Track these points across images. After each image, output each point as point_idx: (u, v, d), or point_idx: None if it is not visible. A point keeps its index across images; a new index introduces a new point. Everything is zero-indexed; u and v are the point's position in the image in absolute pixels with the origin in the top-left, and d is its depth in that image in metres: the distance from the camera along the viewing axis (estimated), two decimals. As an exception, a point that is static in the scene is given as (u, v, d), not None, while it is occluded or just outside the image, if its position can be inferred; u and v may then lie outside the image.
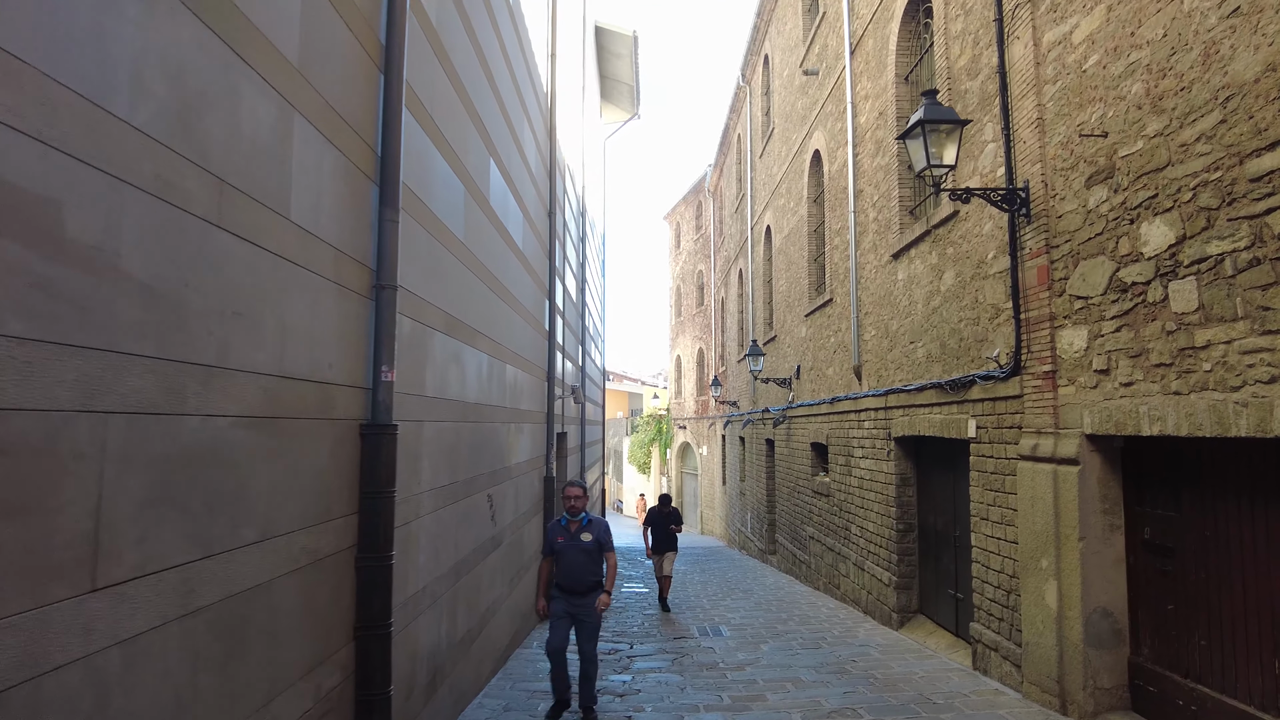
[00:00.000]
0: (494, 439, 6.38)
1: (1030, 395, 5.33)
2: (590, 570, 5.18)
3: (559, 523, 5.32)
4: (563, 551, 5.20)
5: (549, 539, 5.32)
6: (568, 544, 5.21)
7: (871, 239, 9.05)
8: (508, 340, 7.03)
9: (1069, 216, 4.94)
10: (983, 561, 6.04)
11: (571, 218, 13.16)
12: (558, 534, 5.27)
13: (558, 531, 5.28)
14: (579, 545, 5.18)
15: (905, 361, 7.86)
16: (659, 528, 10.23)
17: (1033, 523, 5.14)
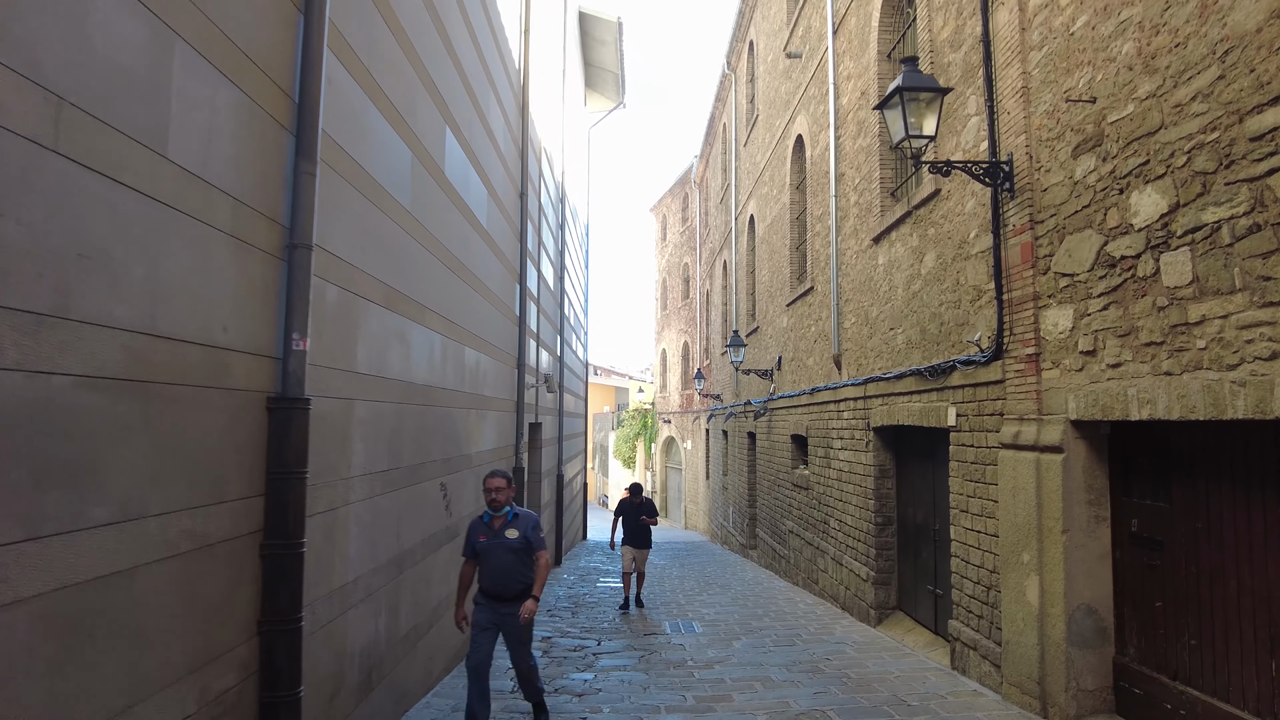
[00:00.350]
0: (449, 425, 6.04)
1: (1012, 380, 5.04)
2: (518, 573, 4.56)
3: (481, 519, 4.65)
4: (486, 552, 4.56)
5: (469, 538, 4.65)
6: (491, 543, 4.56)
7: (853, 224, 8.76)
8: (468, 322, 6.68)
9: (1054, 189, 4.65)
10: (962, 556, 5.75)
11: (549, 203, 12.81)
12: (479, 532, 4.61)
13: (479, 529, 4.62)
14: (504, 544, 4.54)
15: (885, 349, 7.57)
16: (629, 520, 9.47)
17: (1014, 515, 4.85)
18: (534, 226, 10.72)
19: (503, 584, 4.53)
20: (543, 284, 11.78)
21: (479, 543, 4.59)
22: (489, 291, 7.58)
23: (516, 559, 4.55)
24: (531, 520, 4.66)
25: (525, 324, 9.43)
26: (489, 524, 4.62)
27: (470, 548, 4.65)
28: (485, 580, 4.58)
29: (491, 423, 7.75)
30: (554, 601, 10.06)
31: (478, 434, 7.10)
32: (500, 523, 4.60)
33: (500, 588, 4.54)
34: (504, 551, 4.54)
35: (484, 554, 4.57)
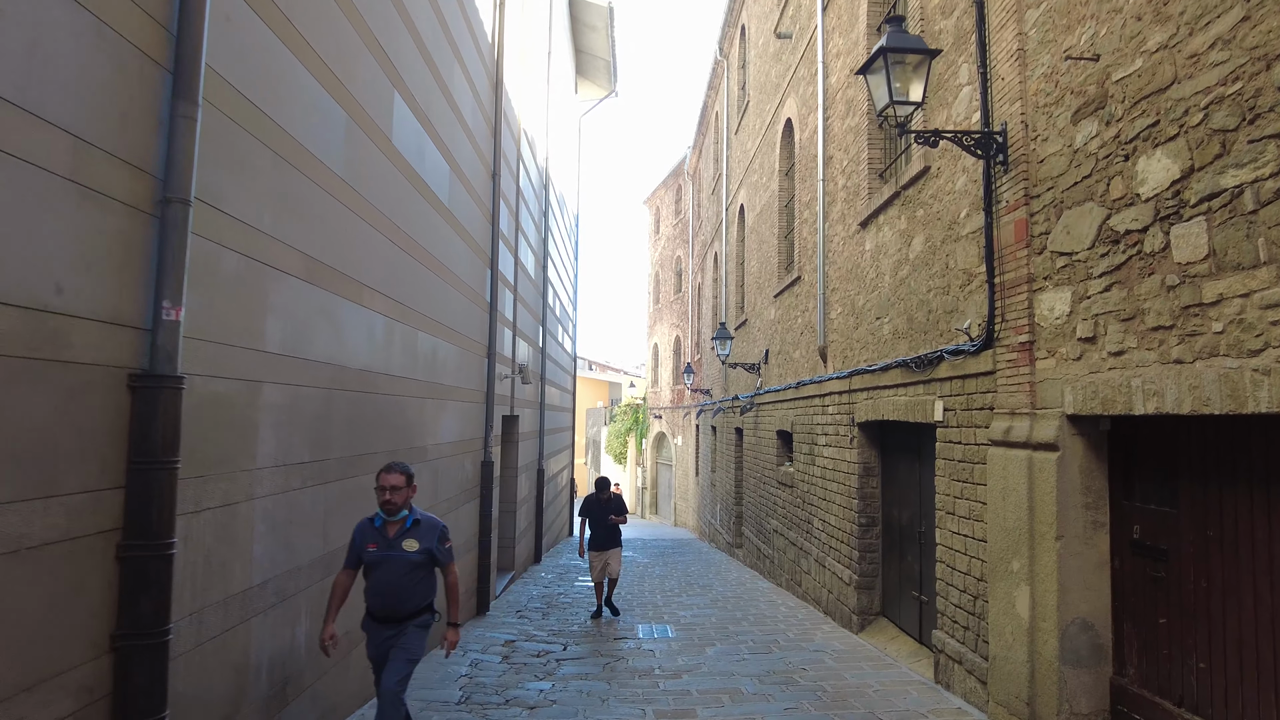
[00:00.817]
0: (398, 414, 5.60)
1: (1004, 371, 4.61)
2: (414, 592, 3.76)
3: (371, 523, 3.83)
4: (375, 565, 3.73)
5: (354, 544, 3.81)
6: (382, 554, 3.73)
7: (840, 208, 8.31)
8: (424, 305, 6.23)
9: (1052, 160, 4.21)
10: (948, 561, 5.33)
11: (529, 188, 12.35)
12: (368, 538, 3.77)
13: (368, 535, 3.78)
14: (400, 557, 3.73)
15: (871, 340, 7.14)
16: (597, 520, 8.52)
17: (1004, 518, 4.42)
18: (509, 210, 10.26)
19: (394, 605, 3.75)
20: (521, 271, 11.33)
21: (367, 553, 3.75)
22: (451, 275, 7.13)
23: (414, 576, 3.77)
24: (437, 530, 3.88)
25: (497, 311, 8.98)
26: (381, 530, 3.80)
27: (355, 556, 3.80)
28: (373, 599, 3.77)
29: (454, 414, 7.31)
30: (525, 602, 9.64)
31: (435, 425, 6.65)
32: (396, 530, 3.80)
33: (391, 609, 3.76)
34: (398, 566, 3.74)
35: (372, 568, 3.76)
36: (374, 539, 3.78)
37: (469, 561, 8.18)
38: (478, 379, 8.39)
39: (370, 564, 3.76)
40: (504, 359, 9.88)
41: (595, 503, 8.60)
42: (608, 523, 8.50)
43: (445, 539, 3.90)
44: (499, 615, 8.64)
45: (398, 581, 3.75)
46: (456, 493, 7.50)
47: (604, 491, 8.65)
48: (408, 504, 3.84)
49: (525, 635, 7.64)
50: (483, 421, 8.67)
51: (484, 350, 8.69)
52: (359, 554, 3.79)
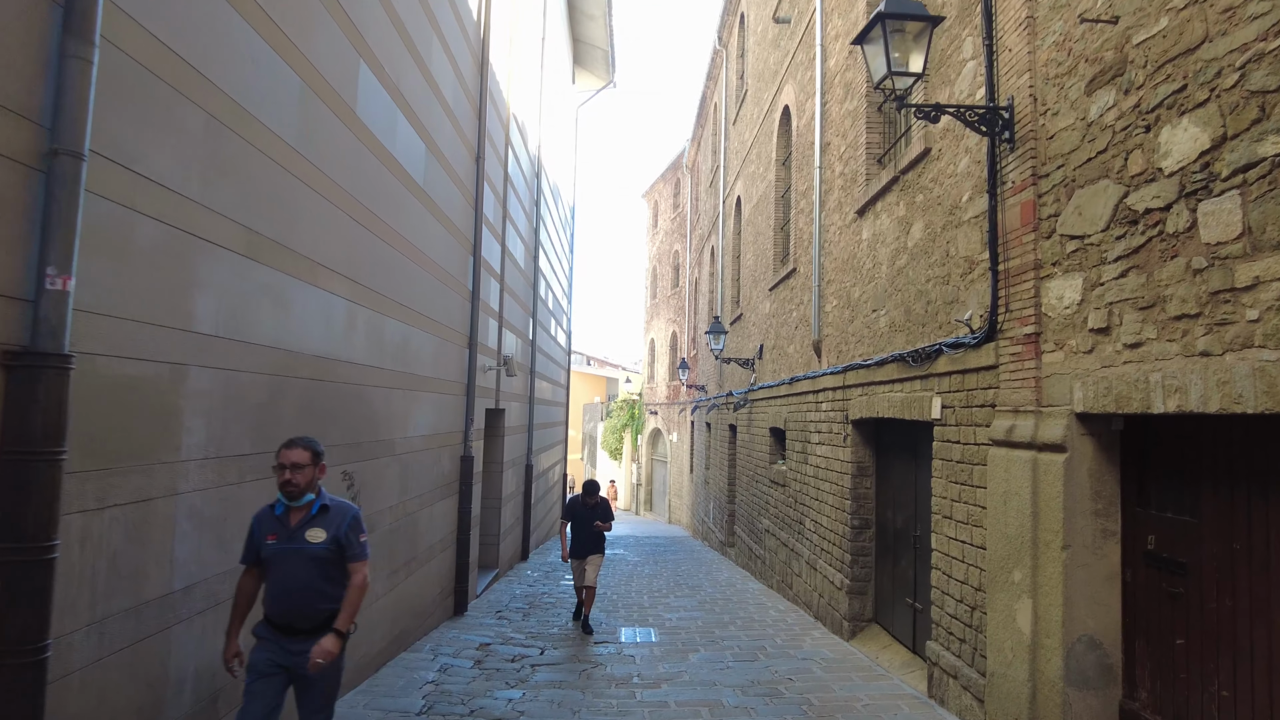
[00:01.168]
0: (360, 405, 5.25)
1: (1007, 365, 4.27)
2: (320, 593, 3.12)
3: (271, 510, 3.21)
4: (274, 560, 3.11)
5: (252, 537, 3.19)
6: (282, 547, 3.11)
7: (837, 196, 7.97)
8: (394, 290, 5.89)
9: (1063, 136, 3.86)
10: (944, 569, 4.99)
11: (519, 175, 11.99)
12: (267, 529, 3.16)
13: (267, 525, 3.17)
14: (303, 550, 3.10)
15: (866, 334, 6.79)
16: (581, 524, 7.85)
17: (1005, 525, 4.08)
18: (496, 196, 9.91)
19: (296, 608, 3.11)
20: (509, 260, 10.98)
21: (265, 545, 3.13)
22: (427, 259, 6.78)
23: (320, 573, 3.13)
24: (348, 516, 3.22)
25: (479, 300, 8.63)
26: (282, 518, 3.17)
27: (252, 551, 3.19)
28: (271, 602, 3.14)
29: (428, 405, 6.97)
30: (507, 602, 9.31)
31: (407, 417, 6.31)
32: (299, 517, 3.16)
33: (291, 614, 3.11)
34: (301, 561, 3.10)
35: (271, 563, 3.12)
36: (273, 529, 3.15)
37: (446, 560, 7.85)
38: (457, 370, 8.05)
39: (268, 559, 3.12)
40: (488, 350, 9.54)
41: (580, 506, 7.95)
42: (590, 529, 7.82)
43: (358, 529, 3.23)
44: (477, 616, 8.31)
45: (298, 579, 3.10)
46: (431, 488, 7.16)
47: (591, 495, 7.94)
48: (315, 486, 3.22)
49: (502, 638, 7.31)
50: (463, 414, 8.33)
51: (465, 340, 8.35)
52: (257, 548, 3.16)
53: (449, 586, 8.05)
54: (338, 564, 3.17)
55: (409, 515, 6.48)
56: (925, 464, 5.67)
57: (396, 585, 6.17)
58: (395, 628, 6.16)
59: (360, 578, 3.20)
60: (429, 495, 7.10)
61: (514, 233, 11.44)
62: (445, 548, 7.82)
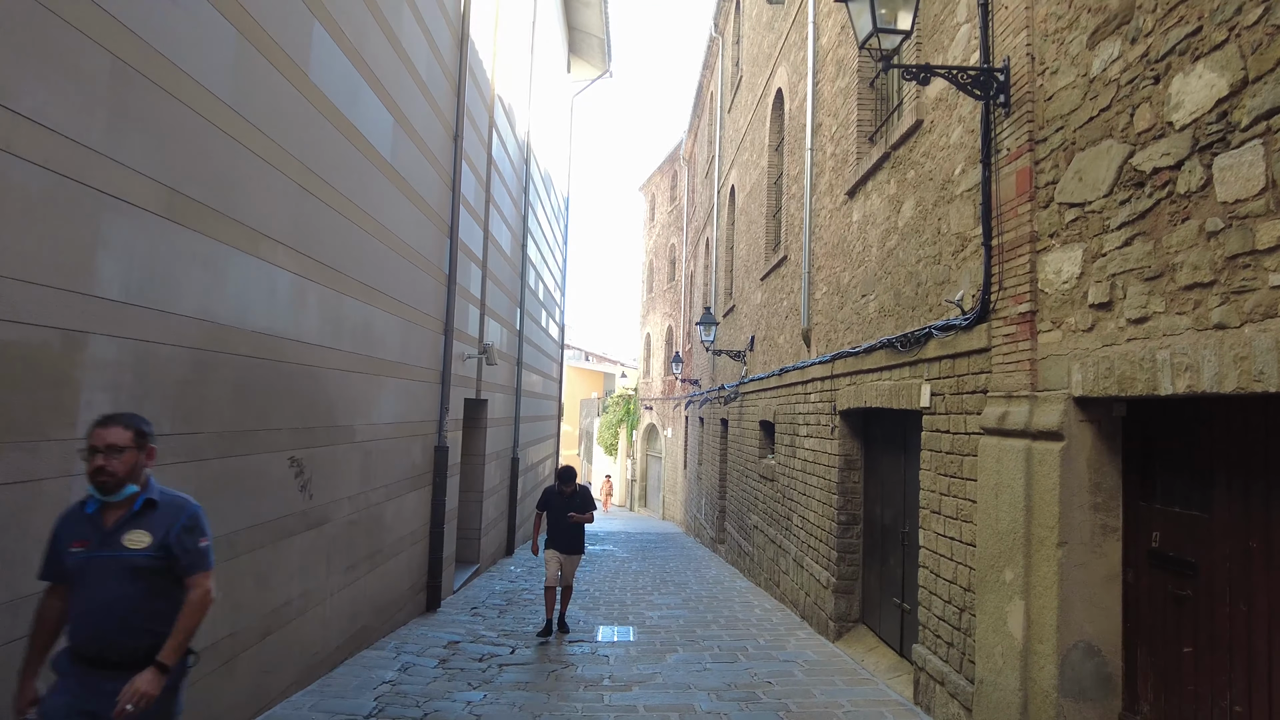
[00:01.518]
0: (312, 388, 4.93)
1: (1000, 347, 3.94)
2: (141, 614, 2.38)
3: (80, 509, 2.43)
4: (82, 571, 2.36)
5: (54, 545, 2.42)
6: (92, 555, 2.36)
7: (828, 179, 7.64)
8: (354, 268, 5.56)
9: (1063, 95, 3.53)
10: (931, 567, 4.67)
11: (507, 160, 11.66)
12: (73, 534, 2.40)
13: (74, 528, 2.41)
14: (118, 559, 2.36)
15: (855, 320, 6.47)
16: (557, 516, 7.18)
17: (995, 520, 3.76)
18: (477, 179, 9.58)
19: (107, 635, 2.35)
20: (492, 246, 10.65)
21: (69, 555, 2.37)
22: (395, 239, 6.46)
23: (143, 588, 2.38)
24: (183, 515, 2.49)
25: (456, 284, 8.31)
26: (94, 518, 2.40)
27: (53, 563, 2.41)
28: (76, 628, 2.37)
29: (396, 392, 6.65)
30: (485, 598, 9.00)
31: (369, 403, 5.99)
32: (117, 517, 2.41)
33: (102, 643, 2.35)
34: (116, 572, 2.36)
35: (78, 576, 2.36)
36: (82, 533, 2.38)
37: (417, 554, 7.54)
38: (430, 357, 7.73)
39: (74, 571, 2.36)
40: (467, 338, 9.22)
41: (556, 496, 7.23)
42: (567, 521, 7.12)
43: (197, 531, 2.50)
44: (451, 613, 8.00)
45: (114, 597, 2.34)
46: (399, 479, 6.84)
47: (567, 483, 7.23)
48: (140, 477, 2.45)
49: (473, 636, 7.00)
50: (437, 403, 8.01)
51: (440, 326, 8.02)
52: (60, 560, 2.39)
53: (420, 582, 7.74)
54: (168, 577, 2.42)
55: (372, 507, 6.16)
56: (915, 457, 5.35)
57: (356, 580, 5.85)
58: (354, 624, 5.84)
59: (200, 593, 2.45)
60: (397, 486, 6.78)
61: (499, 219, 11.11)
62: (416, 541, 7.50)
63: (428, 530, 7.89)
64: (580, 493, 7.33)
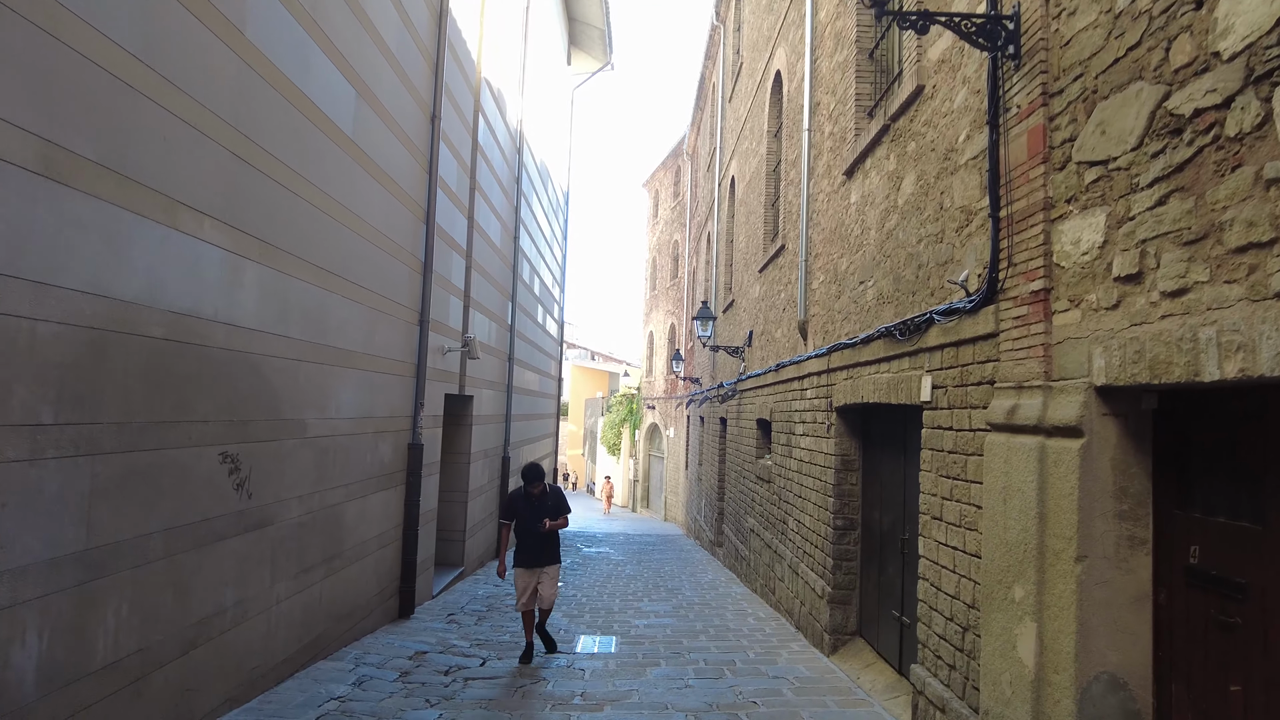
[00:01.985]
0: (251, 377, 4.49)
1: (1009, 332, 3.46)
2: None
3: None
4: None
5: None
6: None
7: (826, 161, 7.16)
8: (305, 249, 5.12)
9: (1082, 38, 3.05)
10: (931, 580, 4.19)
11: (496, 147, 11.22)
12: None
13: None
14: None
15: (853, 309, 5.99)
16: (526, 524, 6.13)
17: (1004, 528, 3.28)
18: (461, 165, 9.14)
19: None
20: (478, 236, 10.21)
21: None
22: (358, 220, 6.02)
23: None
24: None
25: (432, 272, 7.86)
26: None
27: None
28: None
29: (359, 384, 6.21)
30: (465, 604, 8.56)
31: (325, 396, 5.55)
32: None
33: None
34: None
35: None
36: None
37: (387, 557, 7.10)
38: (403, 348, 7.29)
39: None
40: (447, 329, 8.78)
41: (522, 500, 6.22)
42: (539, 529, 6.11)
43: None
44: (425, 620, 7.56)
45: None
46: (364, 478, 6.40)
47: (534, 484, 6.15)
48: None
49: (443, 646, 6.55)
50: (410, 398, 7.57)
51: (414, 316, 7.58)
52: None
53: (391, 587, 7.30)
54: None
55: (330, 508, 5.72)
56: (915, 457, 4.87)
57: (309, 586, 5.41)
58: (307, 633, 5.40)
59: None
60: (361, 485, 6.34)
61: (486, 208, 10.67)
62: (386, 544, 7.06)
63: (400, 532, 7.44)
64: (551, 494, 6.33)
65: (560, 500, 6.41)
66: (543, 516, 6.18)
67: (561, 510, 6.35)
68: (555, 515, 6.25)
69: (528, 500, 6.25)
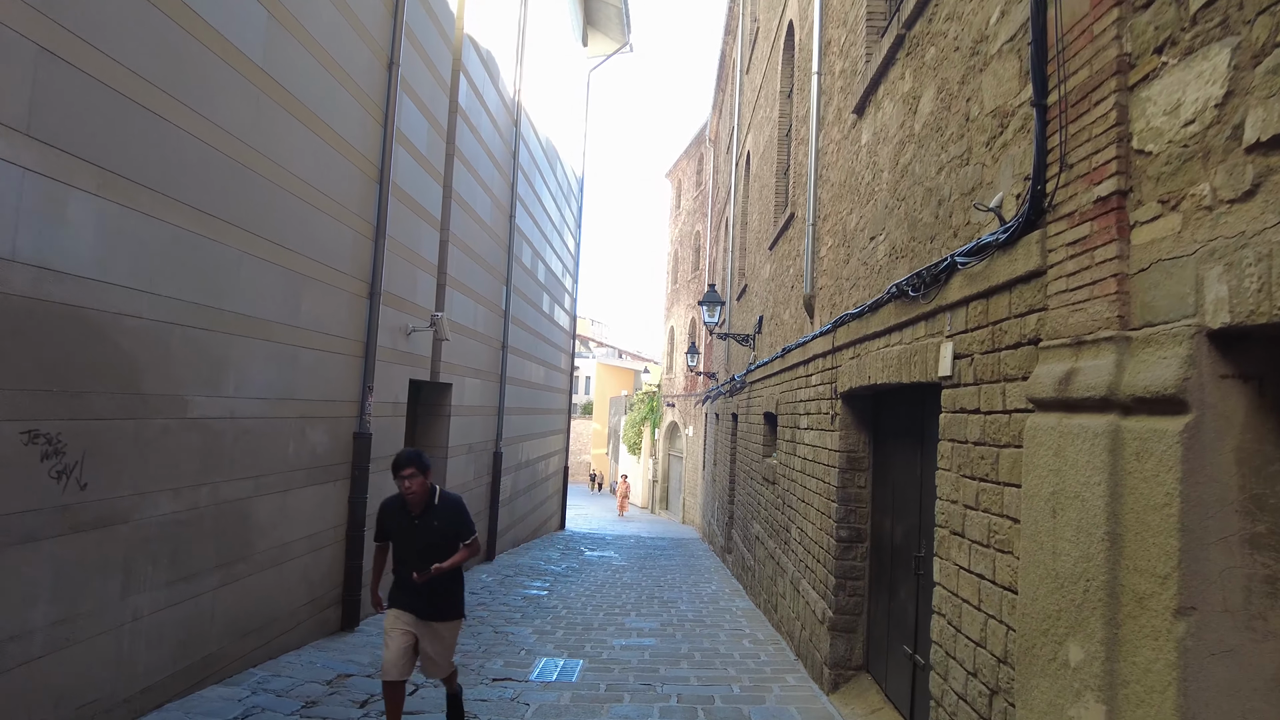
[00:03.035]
0: (88, 338, 3.56)
1: (1062, 265, 2.37)
2: None
3: None
4: None
5: None
6: None
7: (836, 105, 6.07)
8: (186, 191, 4.20)
9: None
10: (949, 616, 3.11)
11: (484, 115, 10.29)
12: None
13: None
14: None
15: (863, 273, 4.91)
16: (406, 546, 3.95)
17: (1052, 553, 2.20)
18: (434, 127, 8.20)
19: None
20: (460, 209, 9.28)
21: None
22: (274, 167, 5.09)
23: None
24: None
25: (387, 238, 6.92)
26: None
27: None
28: None
29: (276, 360, 5.28)
30: (427, 614, 7.59)
31: (218, 369, 4.62)
32: None
33: None
34: None
35: None
36: None
37: (322, 562, 6.17)
38: (345, 323, 6.36)
39: None
40: (412, 308, 7.85)
41: (397, 512, 3.97)
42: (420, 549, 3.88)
43: None
44: (371, 632, 6.61)
45: None
46: (286, 470, 5.47)
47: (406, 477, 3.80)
48: None
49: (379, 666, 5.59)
50: (358, 381, 6.64)
51: (363, 289, 6.65)
52: None
53: (330, 595, 6.37)
54: None
55: (229, 503, 4.79)
56: (932, 451, 3.79)
57: (193, 597, 4.49)
58: (189, 654, 4.47)
59: None
60: (281, 478, 5.42)
61: (470, 178, 9.73)
62: (321, 546, 6.13)
63: (343, 533, 6.52)
64: (442, 508, 3.95)
65: (457, 518, 3.99)
66: (428, 545, 3.86)
67: (460, 530, 3.97)
68: (445, 544, 3.91)
69: (403, 513, 3.92)
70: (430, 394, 9.14)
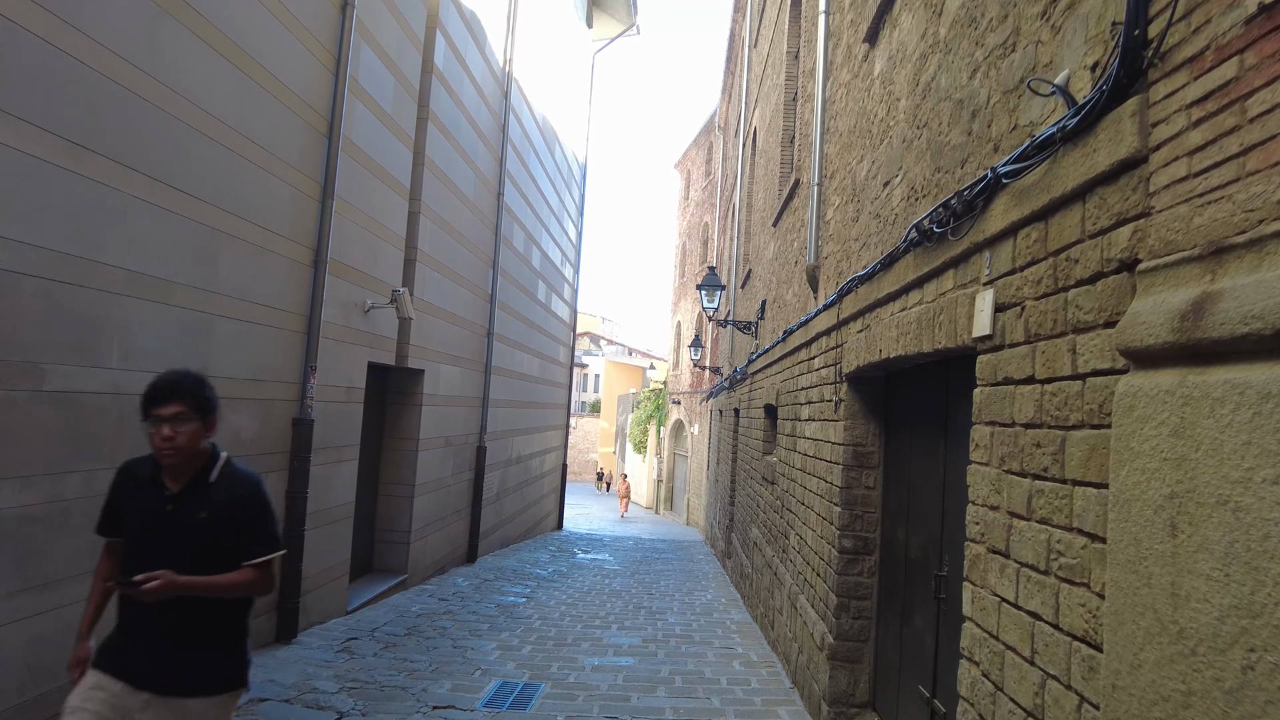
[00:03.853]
0: None
1: (1179, 140, 1.52)
2: None
3: None
4: None
5: None
6: None
7: (845, 42, 5.22)
8: (34, 110, 3.42)
9: None
10: (985, 665, 2.25)
11: (468, 81, 9.49)
12: None
13: None
14: None
15: (874, 228, 4.05)
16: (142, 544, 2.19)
17: (1173, 595, 1.35)
18: (403, 85, 7.40)
19: None
20: (436, 180, 8.49)
21: None
22: (186, 104, 4.30)
23: None
24: None
25: (335, 200, 6.11)
26: None
27: None
28: None
29: (181, 330, 4.49)
30: (382, 624, 6.80)
31: (94, 334, 3.83)
32: None
33: None
34: None
35: None
36: None
37: (249, 566, 5.37)
38: (280, 294, 5.56)
39: None
40: (372, 282, 7.06)
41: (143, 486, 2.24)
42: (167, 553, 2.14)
43: None
44: (310, 646, 5.82)
45: None
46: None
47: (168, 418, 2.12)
48: None
49: (300, 689, 4.81)
50: (299, 360, 5.85)
51: (306, 255, 5.86)
52: None
53: (262, 602, 5.58)
54: None
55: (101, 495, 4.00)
56: (960, 441, 2.93)
57: (48, 610, 3.70)
58: (39, 683, 3.68)
59: None
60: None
61: (448, 146, 8.94)
62: (246, 548, 5.33)
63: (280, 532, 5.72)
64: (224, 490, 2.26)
65: (246, 512, 2.29)
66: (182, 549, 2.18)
67: (246, 544, 2.26)
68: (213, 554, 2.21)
69: (153, 487, 2.24)
70: (400, 380, 8.35)
